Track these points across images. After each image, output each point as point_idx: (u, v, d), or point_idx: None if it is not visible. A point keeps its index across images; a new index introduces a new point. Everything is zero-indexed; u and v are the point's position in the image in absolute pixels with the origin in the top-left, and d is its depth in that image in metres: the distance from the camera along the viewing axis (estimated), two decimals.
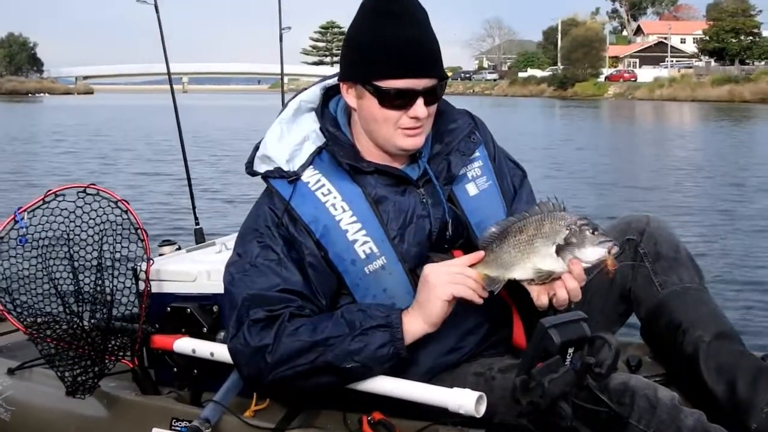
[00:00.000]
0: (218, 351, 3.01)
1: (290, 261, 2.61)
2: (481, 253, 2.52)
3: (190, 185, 4.58)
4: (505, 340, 2.80)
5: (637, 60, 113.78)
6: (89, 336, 3.28)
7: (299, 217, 2.63)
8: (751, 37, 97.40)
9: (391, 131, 2.60)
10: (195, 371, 3.26)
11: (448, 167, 2.73)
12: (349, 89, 2.67)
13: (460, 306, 2.57)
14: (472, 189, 2.77)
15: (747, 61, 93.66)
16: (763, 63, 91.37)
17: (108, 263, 3.33)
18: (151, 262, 3.30)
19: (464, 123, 2.83)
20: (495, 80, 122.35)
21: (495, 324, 2.77)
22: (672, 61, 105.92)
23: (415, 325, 2.50)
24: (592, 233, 2.39)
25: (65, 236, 3.31)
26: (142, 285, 3.30)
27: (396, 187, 2.68)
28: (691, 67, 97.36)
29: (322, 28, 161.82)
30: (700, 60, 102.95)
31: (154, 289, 3.31)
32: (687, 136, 34.53)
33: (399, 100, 2.55)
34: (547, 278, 2.44)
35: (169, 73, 4.51)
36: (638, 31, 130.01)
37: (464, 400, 2.38)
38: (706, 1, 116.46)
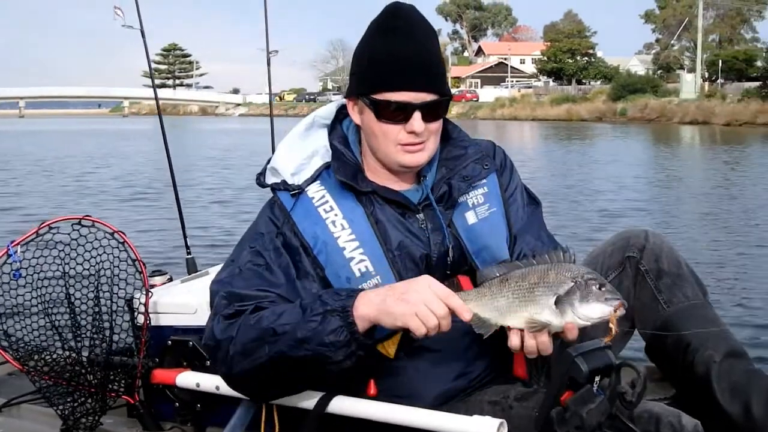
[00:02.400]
0: (224, 385, 2.90)
1: (277, 266, 2.58)
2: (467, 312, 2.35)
3: (181, 216, 4.47)
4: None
5: (479, 80, 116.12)
6: (89, 372, 3.19)
7: (299, 231, 2.61)
8: (586, 58, 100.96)
9: (390, 147, 2.58)
10: (198, 406, 3.20)
11: (450, 193, 2.70)
12: (354, 105, 2.68)
13: (467, 332, 2.56)
14: (471, 217, 2.72)
15: (583, 81, 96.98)
16: (598, 83, 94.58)
17: (106, 296, 3.26)
18: (150, 294, 3.23)
19: (474, 150, 2.80)
20: None
21: (504, 349, 2.66)
22: (512, 81, 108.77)
23: (366, 309, 2.35)
24: (599, 288, 2.26)
25: (61, 269, 3.22)
26: (140, 318, 3.23)
27: (396, 209, 2.67)
28: (530, 87, 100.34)
29: (164, 50, 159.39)
30: (539, 80, 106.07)
31: (153, 322, 3.25)
32: (537, 157, 35.33)
33: (394, 113, 2.53)
34: (540, 330, 2.31)
35: (156, 99, 4.42)
36: (479, 52, 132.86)
37: (486, 428, 2.34)
38: (543, 23, 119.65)
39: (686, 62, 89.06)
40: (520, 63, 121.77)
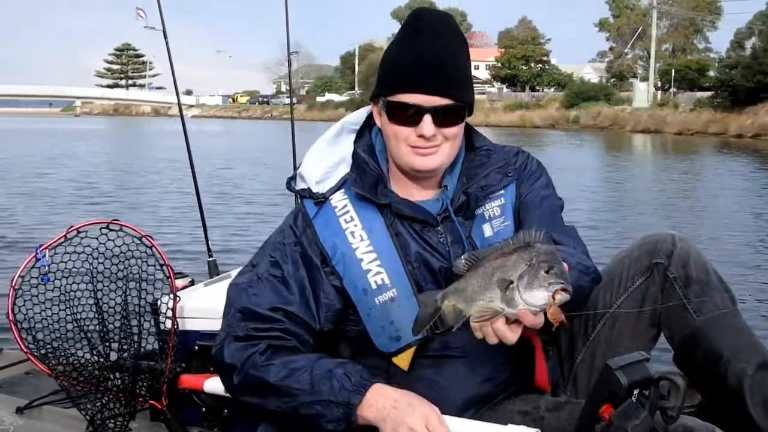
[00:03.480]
0: None
1: (293, 281, 2.59)
2: None
3: (202, 218, 4.44)
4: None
5: None
6: (118, 377, 3.19)
7: (319, 241, 2.62)
8: (540, 65, 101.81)
9: (402, 148, 2.56)
10: (225, 411, 3.20)
11: (468, 203, 2.67)
12: (375, 108, 2.67)
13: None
14: (487, 230, 2.68)
15: (537, 88, 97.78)
16: (552, 90, 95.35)
17: (135, 301, 3.26)
18: (178, 299, 3.22)
19: (496, 159, 2.76)
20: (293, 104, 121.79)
21: (530, 356, 2.72)
22: None
23: (369, 413, 2.37)
24: (546, 272, 2.08)
25: (89, 274, 3.22)
26: (168, 323, 3.22)
27: (415, 222, 2.64)
28: (484, 93, 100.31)
29: (117, 50, 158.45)
30: (493, 86, 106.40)
31: (179, 327, 3.24)
32: None
33: (405, 115, 2.52)
34: (490, 318, 2.18)
35: (179, 103, 4.39)
36: None
37: None
38: (498, 29, 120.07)
39: (639, 71, 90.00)
40: (474, 69, 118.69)
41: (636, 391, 2.20)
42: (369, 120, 2.77)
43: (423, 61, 2.50)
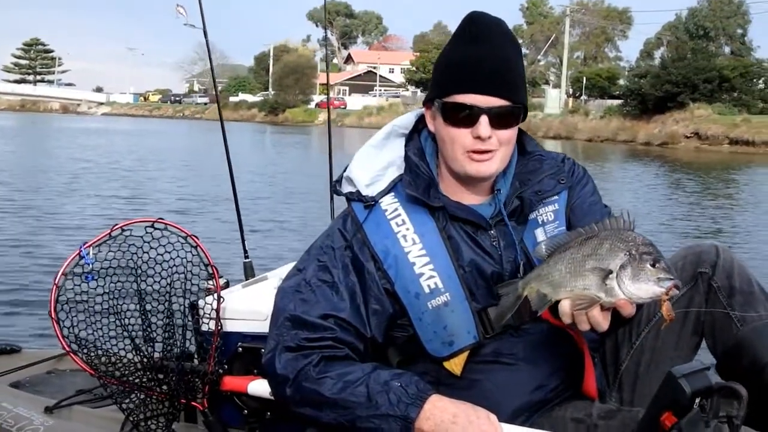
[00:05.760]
0: None
1: (344, 287, 2.56)
2: None
3: (239, 218, 4.35)
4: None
5: (347, 88, 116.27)
6: (161, 377, 3.14)
7: (370, 244, 2.60)
8: None
9: (458, 153, 2.54)
10: (268, 414, 3.16)
11: (521, 208, 2.66)
12: (429, 112, 2.66)
13: (545, 345, 2.61)
14: (540, 234, 2.66)
15: None
16: None
17: (180, 301, 3.21)
18: (222, 299, 3.18)
19: (548, 166, 2.74)
20: (206, 104, 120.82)
21: (579, 363, 2.71)
22: (380, 89, 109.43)
23: (428, 426, 2.38)
24: (652, 266, 2.13)
25: (134, 273, 3.16)
26: (211, 323, 3.17)
27: (468, 225, 2.62)
28: (398, 96, 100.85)
29: (26, 45, 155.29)
30: (407, 89, 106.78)
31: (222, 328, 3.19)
32: None
33: (461, 117, 2.51)
34: (588, 306, 2.21)
35: (218, 99, 4.32)
36: (348, 59, 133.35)
37: None
38: (413, 33, 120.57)
39: (552, 78, 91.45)
40: (389, 72, 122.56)
41: (698, 400, 2.18)
42: (417, 124, 2.76)
43: (478, 63, 2.51)
